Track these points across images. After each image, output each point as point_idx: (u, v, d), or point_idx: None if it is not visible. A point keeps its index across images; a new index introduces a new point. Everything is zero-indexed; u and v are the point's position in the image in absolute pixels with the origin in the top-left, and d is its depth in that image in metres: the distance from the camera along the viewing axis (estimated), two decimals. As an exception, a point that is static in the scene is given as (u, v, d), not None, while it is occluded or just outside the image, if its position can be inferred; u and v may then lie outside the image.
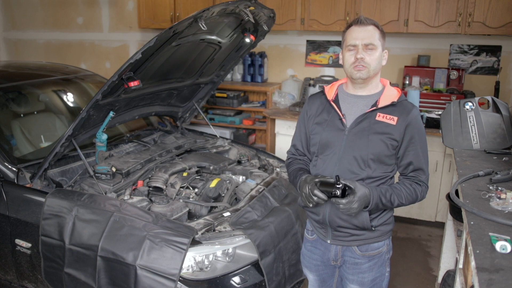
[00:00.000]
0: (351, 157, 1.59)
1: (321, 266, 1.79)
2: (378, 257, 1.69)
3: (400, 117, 1.57)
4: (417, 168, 1.61)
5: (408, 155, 1.59)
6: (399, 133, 1.56)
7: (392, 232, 1.74)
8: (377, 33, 1.57)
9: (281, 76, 4.57)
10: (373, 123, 1.58)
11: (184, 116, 3.26)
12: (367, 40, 1.54)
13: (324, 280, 1.83)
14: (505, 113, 2.28)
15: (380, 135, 1.57)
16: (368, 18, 1.58)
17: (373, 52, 1.55)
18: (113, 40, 5.19)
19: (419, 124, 1.59)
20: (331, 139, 1.63)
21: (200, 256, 1.87)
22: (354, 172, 1.59)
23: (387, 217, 1.67)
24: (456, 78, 3.76)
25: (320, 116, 1.68)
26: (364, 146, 1.57)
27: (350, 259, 1.69)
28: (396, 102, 1.58)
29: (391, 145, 1.57)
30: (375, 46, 1.55)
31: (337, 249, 1.70)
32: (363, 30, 1.55)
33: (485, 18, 3.39)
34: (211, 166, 2.60)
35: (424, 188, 1.63)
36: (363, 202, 1.50)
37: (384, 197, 1.55)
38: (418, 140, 1.58)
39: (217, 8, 2.13)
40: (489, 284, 1.11)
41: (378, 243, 1.67)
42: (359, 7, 3.72)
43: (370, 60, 1.55)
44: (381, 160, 1.59)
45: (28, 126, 2.63)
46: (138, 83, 2.13)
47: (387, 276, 1.74)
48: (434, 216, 3.62)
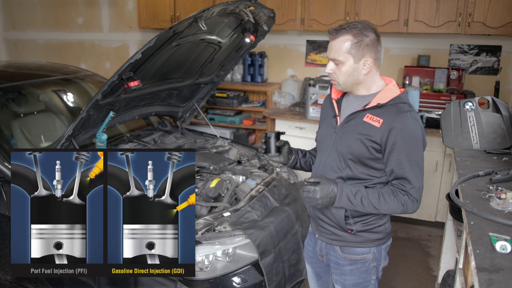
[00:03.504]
0: (335, 155, 1.59)
1: (314, 259, 1.81)
2: (362, 263, 1.64)
3: (386, 119, 1.47)
4: (400, 177, 1.49)
5: (391, 161, 1.49)
6: (381, 137, 1.48)
7: (384, 242, 1.65)
8: (348, 44, 1.46)
9: (281, 76, 4.57)
10: (359, 123, 1.53)
11: (184, 116, 3.26)
12: (332, 55, 1.50)
13: (319, 275, 1.85)
14: (505, 113, 2.28)
15: (361, 136, 1.51)
16: (342, 26, 1.48)
17: (340, 66, 1.50)
18: (113, 40, 5.19)
19: (406, 129, 1.46)
20: (324, 136, 1.66)
21: (200, 256, 1.87)
22: (334, 170, 1.59)
23: (374, 225, 1.60)
24: (456, 78, 3.76)
25: (326, 114, 1.70)
26: (346, 145, 1.55)
27: (333, 258, 1.69)
28: (382, 104, 1.49)
29: (372, 147, 1.50)
30: (340, 61, 1.49)
31: (322, 244, 1.72)
32: (331, 42, 1.50)
33: (485, 18, 3.39)
34: (211, 166, 2.60)
35: (408, 199, 1.48)
36: (326, 195, 1.50)
37: (353, 197, 1.50)
38: (402, 146, 1.46)
39: (217, 8, 2.13)
40: (489, 284, 1.11)
41: (362, 249, 1.62)
42: (359, 7, 3.72)
43: (339, 74, 1.51)
44: (362, 161, 1.53)
45: (28, 126, 2.63)
46: (138, 83, 2.13)
47: (373, 284, 1.69)
48: (434, 216, 3.62)
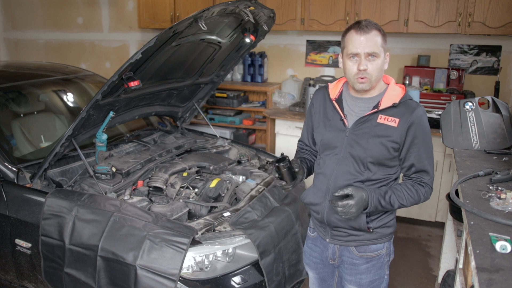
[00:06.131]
0: (351, 159, 1.58)
1: (320, 264, 1.79)
2: (377, 259, 1.67)
3: (402, 118, 1.51)
4: (420, 170, 1.57)
5: (410, 156, 1.55)
6: (401, 135, 1.51)
7: (393, 235, 1.71)
8: (379, 38, 1.49)
9: (281, 76, 4.57)
10: (374, 125, 1.54)
11: (184, 116, 3.25)
12: (369, 49, 1.47)
13: (324, 279, 1.83)
14: (505, 113, 2.28)
15: (380, 138, 1.53)
16: (369, 21, 1.49)
17: (376, 60, 1.49)
18: (113, 40, 5.19)
19: (422, 124, 1.53)
20: (332, 140, 1.62)
21: (200, 256, 1.87)
22: (353, 174, 1.58)
23: (387, 219, 1.65)
24: (456, 78, 3.76)
25: (323, 115, 1.67)
26: (363, 149, 1.54)
27: (348, 259, 1.68)
28: (397, 103, 1.52)
29: (392, 148, 1.53)
30: (378, 54, 1.48)
31: (334, 248, 1.70)
32: (364, 37, 1.47)
33: (485, 18, 3.39)
34: (211, 166, 2.60)
35: (427, 190, 1.58)
36: (361, 205, 1.49)
37: (383, 199, 1.53)
38: (421, 141, 1.53)
39: (217, 8, 2.13)
40: (489, 284, 1.11)
41: (377, 245, 1.65)
42: (359, 7, 3.72)
43: (373, 70, 1.49)
44: (382, 163, 1.56)
45: (28, 126, 2.63)
46: (138, 83, 2.13)
47: (386, 279, 1.72)
48: (434, 216, 3.62)
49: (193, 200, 2.23)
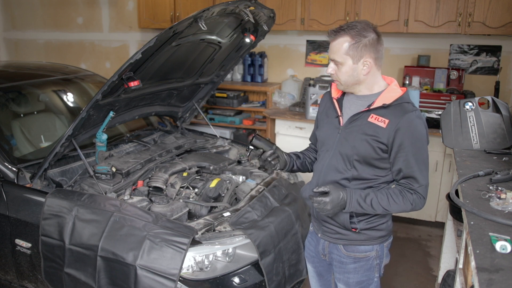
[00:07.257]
0: (339, 156, 1.59)
1: (316, 258, 1.83)
2: (365, 260, 1.66)
3: (392, 120, 1.48)
4: (408, 176, 1.52)
5: (398, 161, 1.51)
6: (388, 137, 1.49)
7: (386, 239, 1.68)
8: (346, 45, 1.48)
9: (281, 76, 4.57)
10: (364, 123, 1.54)
11: (184, 116, 3.26)
12: (332, 56, 1.53)
13: (321, 274, 1.86)
14: (505, 113, 2.28)
15: (367, 137, 1.52)
16: (341, 26, 1.50)
17: (340, 67, 1.52)
18: (113, 40, 5.19)
19: (412, 129, 1.48)
20: (326, 137, 1.65)
21: (200, 256, 1.87)
22: (339, 171, 1.59)
23: (378, 223, 1.62)
24: (456, 78, 3.76)
25: (325, 114, 1.70)
26: (351, 146, 1.55)
27: (337, 257, 1.70)
28: (388, 104, 1.50)
29: (378, 148, 1.51)
30: (339, 62, 1.51)
31: (324, 243, 1.73)
32: (331, 43, 1.53)
33: (485, 18, 3.39)
34: (211, 166, 2.60)
35: (417, 198, 1.52)
36: (337, 204, 1.51)
37: (363, 201, 1.52)
38: (409, 146, 1.48)
39: (217, 8, 2.13)
40: (489, 284, 1.11)
41: (365, 247, 1.64)
42: (359, 7, 3.72)
43: (339, 74, 1.54)
44: (368, 162, 1.55)
45: (28, 126, 2.63)
46: (138, 83, 2.13)
47: (376, 282, 1.71)
48: (434, 216, 3.62)
49: (193, 200, 2.23)
